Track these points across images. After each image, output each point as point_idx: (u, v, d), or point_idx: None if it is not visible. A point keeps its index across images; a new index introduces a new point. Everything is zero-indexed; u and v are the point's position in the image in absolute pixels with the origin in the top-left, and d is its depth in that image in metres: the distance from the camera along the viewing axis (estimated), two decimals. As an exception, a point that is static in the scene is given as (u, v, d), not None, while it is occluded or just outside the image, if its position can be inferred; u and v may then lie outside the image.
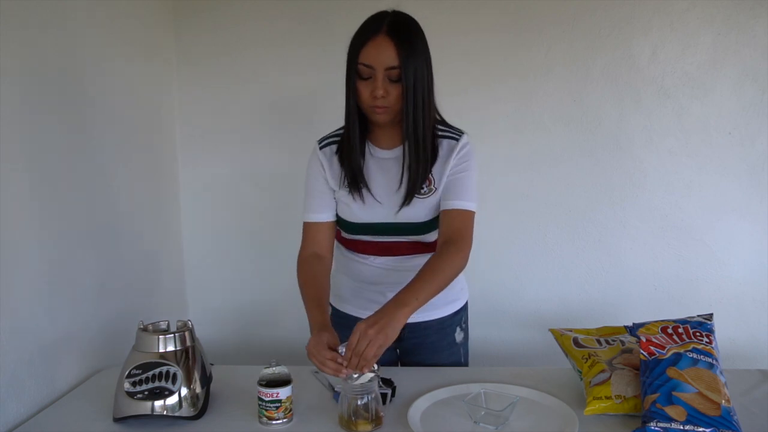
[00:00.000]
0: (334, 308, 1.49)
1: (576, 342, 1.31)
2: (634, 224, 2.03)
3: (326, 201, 1.38)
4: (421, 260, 1.38)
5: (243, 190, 2.11)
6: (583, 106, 1.98)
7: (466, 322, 1.51)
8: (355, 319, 1.41)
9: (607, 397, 1.15)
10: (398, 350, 1.49)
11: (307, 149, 1.53)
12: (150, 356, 1.16)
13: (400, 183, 1.32)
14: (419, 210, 1.33)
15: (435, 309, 1.42)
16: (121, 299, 1.66)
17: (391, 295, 1.35)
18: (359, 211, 1.35)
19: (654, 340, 1.17)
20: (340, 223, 1.40)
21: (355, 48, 1.23)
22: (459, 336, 1.48)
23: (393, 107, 1.24)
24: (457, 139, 1.34)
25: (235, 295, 2.17)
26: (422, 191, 1.32)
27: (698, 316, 1.24)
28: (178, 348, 1.18)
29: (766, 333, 2.03)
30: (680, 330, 1.18)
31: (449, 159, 1.32)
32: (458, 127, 1.37)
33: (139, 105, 1.81)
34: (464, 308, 1.50)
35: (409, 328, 1.41)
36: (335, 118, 1.53)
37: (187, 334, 1.20)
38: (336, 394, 1.23)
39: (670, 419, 1.05)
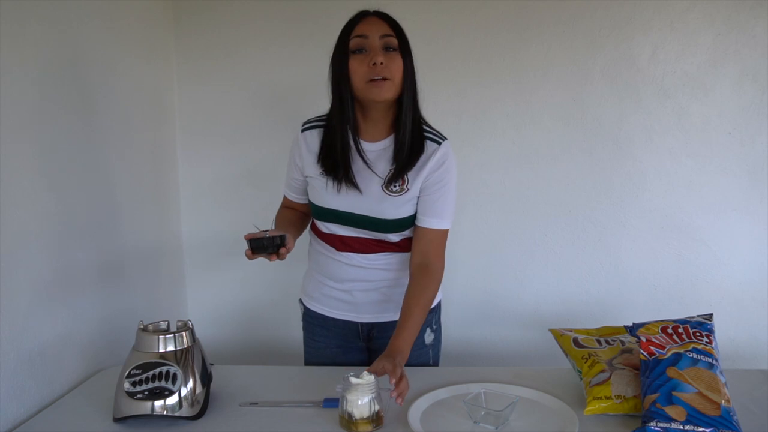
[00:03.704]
0: (305, 307, 1.50)
1: (576, 342, 1.31)
2: (634, 224, 2.03)
3: (297, 183, 1.43)
4: (385, 260, 1.38)
5: (243, 189, 2.11)
6: (583, 106, 1.98)
7: (437, 323, 1.49)
8: (324, 318, 1.43)
9: (607, 397, 1.15)
10: (368, 347, 1.49)
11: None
12: (150, 356, 1.16)
13: (385, 174, 1.30)
14: (386, 206, 1.31)
15: None
16: (121, 299, 1.66)
17: (357, 294, 1.38)
18: (330, 198, 1.32)
19: (654, 340, 1.17)
20: (311, 205, 1.40)
21: (346, 31, 1.25)
22: (429, 337, 1.45)
23: (395, 79, 1.21)
24: (439, 143, 1.31)
25: (235, 295, 2.17)
26: (393, 189, 1.30)
27: (698, 316, 1.24)
28: (178, 348, 1.18)
29: (766, 333, 2.03)
30: (680, 330, 1.18)
31: (426, 164, 1.30)
32: (441, 132, 1.35)
33: (138, 104, 1.81)
34: (435, 309, 1.46)
35: (378, 327, 1.43)
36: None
37: (186, 334, 1.20)
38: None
39: (670, 419, 1.05)
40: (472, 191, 2.04)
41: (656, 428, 1.05)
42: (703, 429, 1.03)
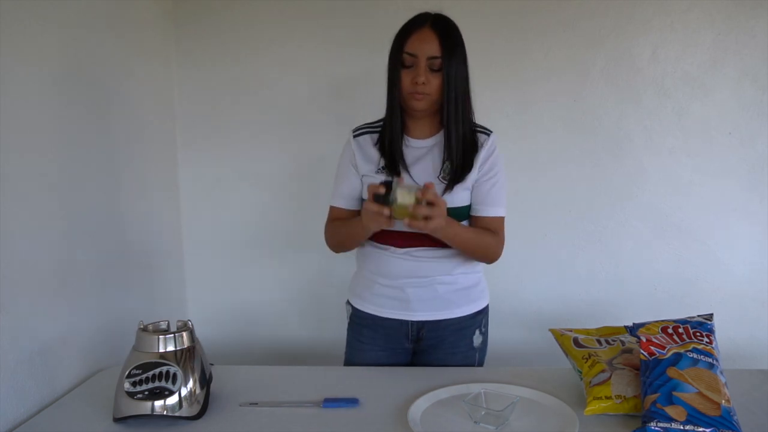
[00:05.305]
0: (354, 308, 1.50)
1: (576, 342, 1.31)
2: (634, 224, 2.03)
3: (352, 189, 1.45)
4: (439, 252, 1.40)
5: (243, 189, 2.11)
6: (583, 107, 1.98)
7: (486, 327, 1.50)
8: (373, 318, 1.45)
9: (607, 397, 1.15)
10: (414, 350, 1.48)
11: (307, 148, 1.54)
12: (150, 356, 1.16)
13: (441, 170, 1.37)
14: (442, 194, 1.36)
15: (456, 307, 1.42)
16: (121, 299, 1.66)
17: (410, 291, 1.40)
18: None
19: (654, 340, 1.17)
20: None
21: (400, 39, 1.33)
22: (477, 340, 1.47)
23: (432, 95, 1.32)
24: (488, 134, 1.41)
25: (235, 295, 2.17)
26: (447, 178, 1.37)
27: (698, 316, 1.24)
28: (177, 348, 1.18)
29: (766, 333, 2.03)
30: (680, 330, 1.18)
31: (480, 154, 1.38)
32: (486, 127, 1.44)
33: (138, 105, 1.81)
34: (485, 311, 1.50)
35: (428, 326, 1.43)
36: (335, 118, 1.53)
37: (186, 334, 1.20)
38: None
39: (670, 419, 1.05)
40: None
41: (656, 428, 1.05)
42: (703, 429, 1.03)
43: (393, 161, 1.38)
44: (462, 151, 1.36)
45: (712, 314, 1.24)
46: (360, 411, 1.21)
